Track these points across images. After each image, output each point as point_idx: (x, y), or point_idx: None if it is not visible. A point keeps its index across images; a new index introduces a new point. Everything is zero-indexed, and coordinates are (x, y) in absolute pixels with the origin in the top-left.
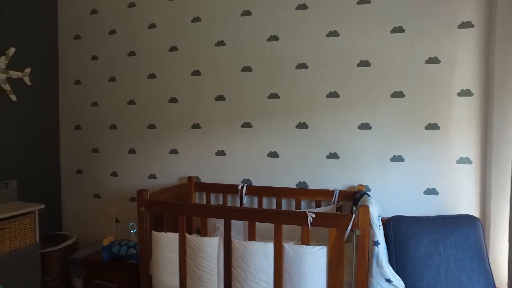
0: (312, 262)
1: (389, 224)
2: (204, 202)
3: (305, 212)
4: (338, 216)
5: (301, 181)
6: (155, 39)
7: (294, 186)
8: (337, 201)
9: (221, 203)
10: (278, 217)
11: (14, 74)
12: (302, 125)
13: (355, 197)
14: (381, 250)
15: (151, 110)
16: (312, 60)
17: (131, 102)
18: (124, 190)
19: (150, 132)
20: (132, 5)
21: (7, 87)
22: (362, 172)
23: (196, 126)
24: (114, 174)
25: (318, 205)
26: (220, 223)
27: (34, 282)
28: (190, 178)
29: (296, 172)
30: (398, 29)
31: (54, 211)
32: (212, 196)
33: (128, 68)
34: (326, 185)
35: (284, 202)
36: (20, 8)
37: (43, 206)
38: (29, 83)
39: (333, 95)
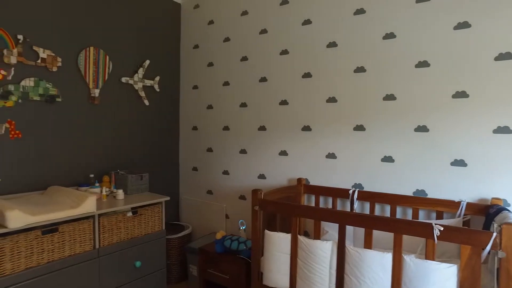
0: (437, 281)
1: None
2: (313, 205)
3: (431, 223)
4: (474, 232)
5: (419, 189)
6: (266, 44)
7: (411, 194)
8: (464, 214)
9: (330, 206)
10: (399, 227)
11: (148, 82)
12: (422, 128)
13: (489, 211)
14: None
15: (262, 112)
16: (435, 57)
17: (243, 105)
18: (234, 188)
19: (261, 133)
20: (245, 13)
21: (142, 94)
22: (498, 183)
23: (306, 128)
24: (226, 172)
25: (439, 216)
26: (328, 227)
27: (161, 263)
28: (299, 180)
29: (414, 179)
30: None
31: (173, 203)
32: (321, 199)
33: (240, 72)
34: (450, 195)
35: (399, 210)
36: (153, 25)
37: (168, 198)
38: (157, 90)
39: (461, 95)
